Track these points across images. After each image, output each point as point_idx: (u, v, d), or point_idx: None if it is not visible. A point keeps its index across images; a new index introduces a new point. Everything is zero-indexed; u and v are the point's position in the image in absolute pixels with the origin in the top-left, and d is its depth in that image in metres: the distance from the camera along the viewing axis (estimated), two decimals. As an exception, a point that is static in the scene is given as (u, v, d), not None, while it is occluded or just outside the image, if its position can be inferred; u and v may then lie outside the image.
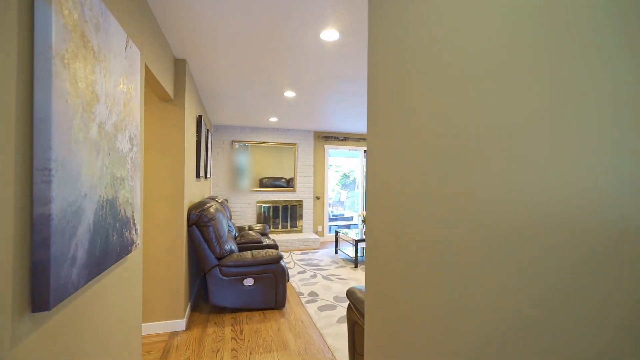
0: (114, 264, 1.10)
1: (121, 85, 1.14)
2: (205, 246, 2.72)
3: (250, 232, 3.69)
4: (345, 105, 4.05)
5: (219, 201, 3.92)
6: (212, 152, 5.45)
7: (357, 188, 11.48)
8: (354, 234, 4.77)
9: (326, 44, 2.25)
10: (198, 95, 3.43)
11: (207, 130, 4.13)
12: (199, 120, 3.30)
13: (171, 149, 2.49)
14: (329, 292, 3.38)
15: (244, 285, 2.81)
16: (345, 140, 6.40)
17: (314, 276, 3.94)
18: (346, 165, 9.76)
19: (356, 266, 4.32)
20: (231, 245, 2.93)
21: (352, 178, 11.52)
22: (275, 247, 3.62)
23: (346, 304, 3.07)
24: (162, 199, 2.47)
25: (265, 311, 2.91)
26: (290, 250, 5.36)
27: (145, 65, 1.71)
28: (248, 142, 5.64)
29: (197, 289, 3.39)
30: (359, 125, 5.57)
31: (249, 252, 2.89)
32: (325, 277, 3.89)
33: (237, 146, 5.58)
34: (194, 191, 3.16)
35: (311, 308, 2.97)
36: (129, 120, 1.24)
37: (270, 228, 5.79)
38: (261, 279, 2.84)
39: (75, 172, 0.82)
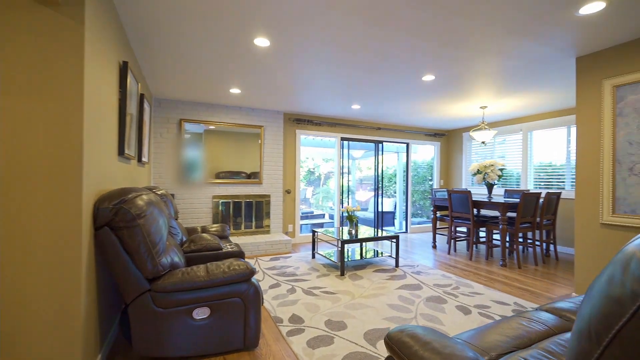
0: None
1: None
2: (127, 260, 1.66)
3: (205, 235, 2.64)
4: (328, 70, 3.17)
5: (159, 193, 2.80)
6: (154, 133, 4.22)
7: (325, 184, 10.71)
8: (338, 233, 3.91)
9: None
10: (123, 29, 2.30)
11: (142, 96, 2.98)
12: (123, 68, 2.19)
13: (58, 93, 1.40)
14: (318, 315, 2.47)
15: (194, 319, 1.79)
16: (319, 124, 5.52)
17: (292, 291, 3.00)
18: (321, 155, 8.89)
19: (343, 274, 3.46)
20: (173, 257, 1.88)
21: (317, 174, 10.72)
22: (240, 254, 2.61)
23: (348, 334, 2.19)
24: (38, 176, 1.37)
25: (227, 356, 1.91)
26: (257, 256, 4.34)
27: None
28: (202, 122, 4.49)
29: (118, 330, 2.27)
30: (338, 105, 4.72)
31: (202, 267, 1.88)
32: (307, 292, 2.97)
33: (187, 127, 4.41)
34: (114, 175, 2.05)
35: (298, 344, 2.04)
36: None
37: (230, 229, 4.70)
38: (222, 307, 1.84)
39: None
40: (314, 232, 4.21)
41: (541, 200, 4.78)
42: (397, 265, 3.84)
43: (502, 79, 3.40)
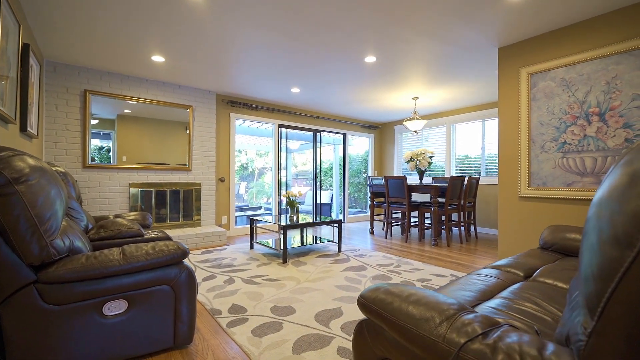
0: None
1: None
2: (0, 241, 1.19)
3: (120, 219, 2.16)
4: (265, 39, 2.92)
5: (55, 169, 2.20)
6: (48, 105, 3.39)
7: (259, 179, 10.30)
8: (277, 220, 3.67)
9: None
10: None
11: (27, 48, 2.31)
12: (-7, -8, 1.62)
13: None
14: (262, 303, 2.21)
15: (105, 315, 1.39)
16: (256, 109, 5.19)
17: (230, 281, 2.67)
18: (255, 148, 8.45)
19: (285, 261, 3.24)
20: (74, 240, 1.44)
21: (251, 169, 10.27)
22: (167, 238, 2.20)
23: (297, 318, 1.99)
24: None
25: (155, 357, 1.54)
26: (185, 251, 3.83)
27: None
28: (116, 96, 3.78)
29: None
30: (276, 88, 4.48)
31: (116, 250, 1.47)
32: (248, 281, 2.68)
33: (94, 100, 3.66)
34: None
35: (242, 334, 1.77)
36: None
37: (153, 222, 4.06)
38: (144, 298, 1.47)
39: None
40: (252, 220, 3.89)
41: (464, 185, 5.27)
42: (339, 250, 3.78)
43: (436, 66, 3.60)
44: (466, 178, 4.42)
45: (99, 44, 2.99)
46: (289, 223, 3.39)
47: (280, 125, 5.54)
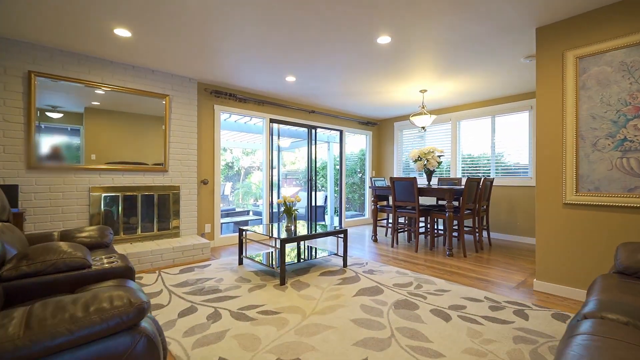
0: None
1: None
2: None
3: (59, 244, 1.52)
4: (264, 14, 2.32)
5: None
6: (-22, 89, 2.66)
7: (245, 179, 9.63)
8: (267, 230, 3.07)
9: None
10: None
11: None
12: None
13: None
14: (261, 354, 1.63)
15: None
16: (245, 101, 4.56)
17: (215, 316, 2.07)
18: (242, 146, 7.77)
19: (283, 282, 2.66)
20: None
21: (237, 168, 9.59)
22: (125, 273, 1.58)
23: (307, 379, 1.42)
24: None
25: None
26: (160, 269, 3.18)
27: None
28: (72, 79, 3.08)
29: None
30: (268, 76, 3.88)
31: (19, 314, 0.86)
32: (238, 315, 2.09)
33: (53, 89, 2.95)
34: None
35: (233, 422, 1.18)
36: None
37: (121, 233, 3.38)
38: (69, 394, 0.86)
39: None
40: (240, 230, 3.28)
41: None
42: (345, 265, 3.23)
43: (455, 51, 3.09)
44: (482, 180, 3.97)
45: (46, 10, 2.31)
46: (286, 236, 2.80)
47: (272, 120, 4.93)
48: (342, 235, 3.26)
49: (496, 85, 4.21)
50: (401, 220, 5.23)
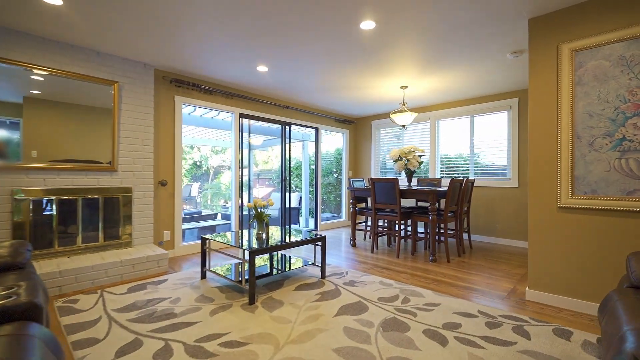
0: None
1: None
2: None
3: None
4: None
5: None
6: None
7: (215, 179, 9.04)
8: (236, 238, 2.67)
9: None
10: None
11: None
12: None
13: None
14: (219, 411, 1.25)
15: None
16: (211, 92, 4.09)
17: (165, 354, 1.65)
18: (211, 144, 7.21)
19: (253, 301, 2.28)
20: None
21: (205, 168, 8.99)
22: (23, 312, 1.14)
23: None
24: None
25: None
26: (103, 287, 2.67)
27: None
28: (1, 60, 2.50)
29: None
30: (238, 65, 3.46)
31: None
32: (195, 350, 1.68)
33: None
34: None
35: None
36: None
37: (55, 245, 2.81)
38: None
39: None
40: (203, 240, 2.85)
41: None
42: (323, 276, 2.90)
43: (441, 43, 2.86)
44: (464, 180, 3.81)
45: None
46: (257, 246, 2.42)
47: (242, 115, 4.50)
48: (319, 243, 2.93)
49: (477, 83, 4.07)
50: (380, 222, 5.00)
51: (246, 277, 2.53)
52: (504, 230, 4.53)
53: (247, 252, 3.00)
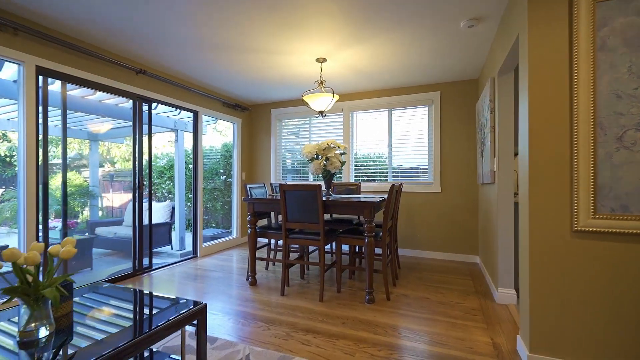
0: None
1: None
2: None
3: None
4: None
5: None
6: None
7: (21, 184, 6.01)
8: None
9: None
10: None
11: None
12: None
13: None
14: None
15: None
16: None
17: None
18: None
19: None
20: None
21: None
22: None
23: None
24: None
25: None
26: None
27: None
28: None
29: None
30: None
31: None
32: None
33: None
34: None
35: None
36: None
37: None
38: None
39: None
40: None
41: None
42: (200, 385, 1.43)
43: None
44: (400, 186, 2.97)
45: None
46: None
47: (42, 71, 2.48)
48: (195, 322, 1.45)
49: (402, 66, 3.32)
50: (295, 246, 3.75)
51: None
52: (425, 242, 3.98)
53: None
